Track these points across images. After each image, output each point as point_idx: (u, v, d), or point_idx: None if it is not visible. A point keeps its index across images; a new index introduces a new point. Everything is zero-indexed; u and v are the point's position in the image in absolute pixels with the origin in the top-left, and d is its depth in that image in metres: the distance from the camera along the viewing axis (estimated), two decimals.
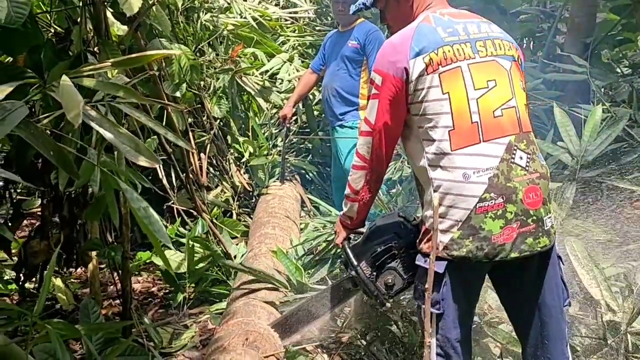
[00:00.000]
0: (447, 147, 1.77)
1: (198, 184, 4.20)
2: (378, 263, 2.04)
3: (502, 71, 1.86)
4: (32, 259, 2.75)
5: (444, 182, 1.77)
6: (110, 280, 3.64)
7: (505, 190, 1.76)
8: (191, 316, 3.32)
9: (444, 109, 1.78)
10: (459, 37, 1.85)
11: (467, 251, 1.76)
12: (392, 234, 2.06)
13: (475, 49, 1.85)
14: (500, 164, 1.77)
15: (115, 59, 1.40)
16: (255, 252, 3.44)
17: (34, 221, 4.51)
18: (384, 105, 1.85)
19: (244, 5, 5.51)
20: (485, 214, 1.74)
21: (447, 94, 1.78)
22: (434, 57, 1.79)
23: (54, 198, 2.69)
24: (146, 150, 1.27)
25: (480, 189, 1.74)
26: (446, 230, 1.77)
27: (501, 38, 1.92)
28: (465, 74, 1.81)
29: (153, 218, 1.33)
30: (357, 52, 4.27)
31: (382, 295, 2.04)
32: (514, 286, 1.95)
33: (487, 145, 1.78)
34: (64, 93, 1.14)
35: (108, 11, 2.58)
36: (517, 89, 1.88)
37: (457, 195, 1.76)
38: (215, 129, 4.61)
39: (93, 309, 2.39)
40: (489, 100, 1.81)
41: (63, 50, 2.33)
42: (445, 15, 1.90)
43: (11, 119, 1.12)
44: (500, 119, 1.81)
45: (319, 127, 5.32)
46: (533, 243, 1.79)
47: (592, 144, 3.15)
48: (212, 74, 4.70)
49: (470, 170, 1.75)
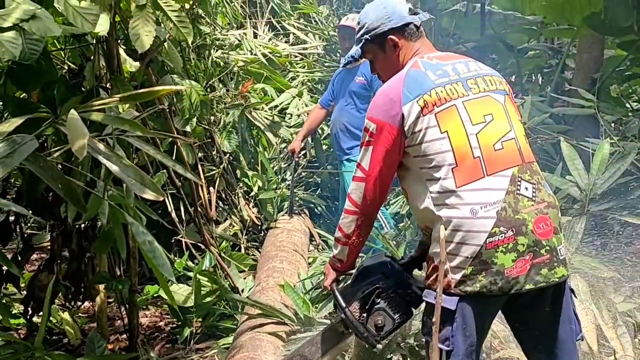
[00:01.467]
0: (452, 185, 1.77)
1: (207, 217, 4.22)
2: (367, 304, 2.03)
3: (497, 105, 1.88)
4: (39, 292, 2.75)
5: (452, 220, 1.76)
6: (118, 315, 3.62)
7: (515, 222, 1.74)
8: (198, 351, 3.29)
9: (445, 147, 1.79)
10: (450, 77, 1.88)
11: (480, 286, 1.74)
12: (379, 275, 2.05)
13: (467, 86, 1.88)
14: (506, 196, 1.76)
15: (123, 94, 1.43)
16: (262, 285, 3.42)
17: (43, 255, 4.52)
18: (379, 153, 1.86)
19: (254, 42, 5.64)
20: (496, 249, 1.73)
21: (445, 132, 1.80)
22: (428, 98, 1.82)
23: (64, 231, 2.71)
24: (152, 183, 1.28)
25: (489, 223, 1.73)
26: (457, 267, 1.76)
27: (490, 74, 1.96)
28: (461, 111, 1.82)
29: (158, 252, 1.34)
30: (364, 88, 4.33)
31: (372, 337, 2.02)
32: (528, 320, 1.92)
33: (492, 179, 1.78)
34: (71, 126, 1.17)
35: (120, 48, 2.64)
36: (514, 121, 1.89)
37: (466, 232, 1.74)
38: (224, 163, 4.65)
39: (99, 342, 2.39)
40: (488, 134, 1.82)
41: (76, 86, 2.38)
42: (433, 59, 1.94)
43: (20, 152, 1.14)
44: (501, 151, 1.81)
45: (328, 162, 5.35)
46: (549, 274, 1.77)
47: (601, 177, 3.13)
48: (222, 109, 4.77)
49: (477, 205, 1.75)
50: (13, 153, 1.12)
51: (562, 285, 1.86)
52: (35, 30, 1.61)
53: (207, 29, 4.91)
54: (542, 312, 1.88)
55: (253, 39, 5.85)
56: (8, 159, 1.11)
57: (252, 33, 6.10)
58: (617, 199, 3.13)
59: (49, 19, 1.70)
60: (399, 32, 1.99)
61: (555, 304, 1.89)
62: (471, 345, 1.81)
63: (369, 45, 2.05)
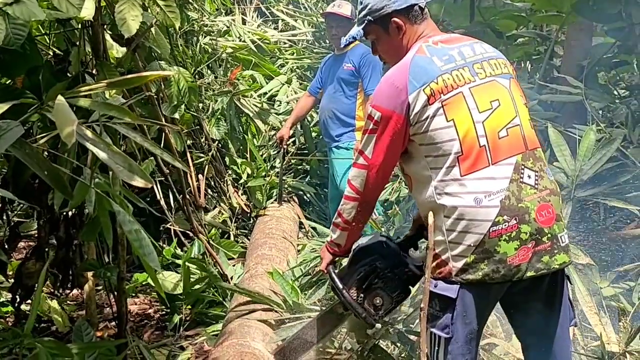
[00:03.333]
0: (457, 173, 1.76)
1: (196, 205, 4.20)
2: (364, 285, 2.04)
3: (503, 90, 1.87)
4: (27, 280, 2.73)
5: (456, 208, 1.76)
6: (107, 302, 3.61)
7: (518, 211, 1.75)
8: (187, 338, 3.30)
9: (451, 136, 1.78)
10: (456, 62, 1.85)
11: (483, 274, 1.75)
12: (376, 255, 2.06)
13: (474, 71, 1.85)
14: (510, 185, 1.76)
15: (110, 80, 1.41)
16: (251, 273, 3.43)
17: (31, 243, 4.49)
18: (384, 141, 1.85)
19: (242, 28, 5.59)
20: (500, 237, 1.74)
21: (451, 121, 1.78)
22: (435, 86, 1.79)
23: (51, 219, 2.68)
24: (140, 170, 1.28)
25: (493, 212, 1.74)
26: (459, 255, 1.76)
27: (495, 57, 1.93)
28: (468, 98, 1.81)
29: (144, 241, 1.33)
30: (352, 75, 4.32)
31: (370, 317, 2.04)
32: (526, 305, 1.93)
33: (496, 167, 1.78)
34: (58, 112, 1.15)
35: (106, 33, 2.61)
36: (519, 105, 1.88)
37: (470, 220, 1.74)
38: (213, 151, 4.63)
39: (86, 330, 2.37)
40: (494, 121, 1.81)
41: (61, 71, 2.35)
42: (438, 43, 1.90)
43: (6, 139, 1.13)
44: (506, 139, 1.81)
45: (317, 149, 5.34)
46: (550, 261, 1.79)
47: (587, 163, 3.16)
48: (211, 96, 4.74)
49: (482, 194, 1.75)
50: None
51: (559, 271, 1.87)
52: (19, 15, 1.59)
53: (195, 15, 4.87)
54: (540, 297, 1.90)
55: (242, 25, 5.80)
56: None
57: (240, 19, 6.05)
58: (603, 184, 3.16)
59: (33, 3, 1.67)
60: (403, 14, 1.95)
61: (554, 289, 1.90)
62: (471, 332, 1.83)
63: (372, 26, 2.00)
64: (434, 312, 1.83)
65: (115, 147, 1.29)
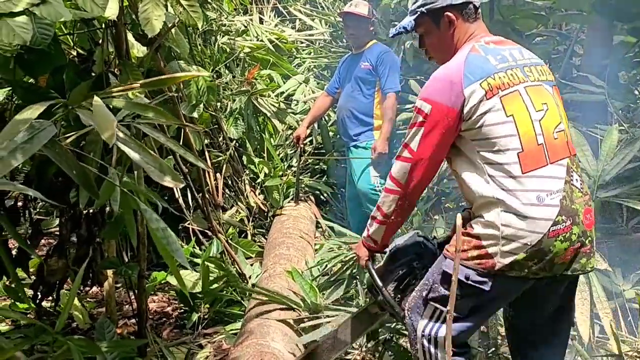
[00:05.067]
0: (517, 170, 1.75)
1: (214, 204, 4.22)
2: (402, 285, 2.03)
3: (548, 95, 1.88)
4: (49, 277, 2.76)
5: (518, 206, 1.74)
6: (126, 300, 3.64)
7: (572, 212, 1.76)
8: (206, 336, 3.31)
9: (510, 132, 1.77)
10: (509, 62, 1.86)
11: (528, 272, 1.75)
12: (413, 255, 2.05)
13: (525, 73, 1.86)
14: (565, 185, 1.77)
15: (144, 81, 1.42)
16: (269, 272, 3.43)
17: (51, 240, 4.55)
18: (434, 136, 1.82)
19: (260, 28, 5.60)
20: (556, 237, 1.74)
21: (511, 116, 1.77)
22: (492, 82, 1.79)
23: (73, 216, 2.71)
24: (170, 170, 1.29)
25: (554, 212, 1.74)
26: (510, 252, 1.75)
27: (540, 64, 1.95)
28: (524, 96, 1.81)
29: (171, 238, 1.34)
30: (369, 74, 4.32)
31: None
32: (542, 304, 1.94)
33: (553, 167, 1.78)
34: (97, 113, 1.16)
35: (128, 33, 2.62)
36: (562, 112, 1.90)
37: (532, 219, 1.73)
38: (231, 150, 4.65)
39: (108, 327, 2.40)
40: (548, 121, 1.81)
41: (85, 71, 2.38)
42: (490, 43, 1.91)
43: (39, 138, 1.14)
44: (557, 141, 1.82)
45: (334, 148, 5.34)
46: (586, 263, 1.81)
47: (609, 163, 3.11)
48: (229, 95, 4.76)
49: (544, 192, 1.74)
50: (32, 139, 1.12)
51: (579, 275, 1.90)
52: (46, 15, 1.60)
53: (214, 15, 4.89)
54: (557, 298, 1.92)
55: (259, 24, 5.81)
56: (27, 145, 1.11)
57: (258, 19, 6.06)
58: (625, 185, 3.10)
59: (59, 3, 1.69)
60: (457, 9, 1.95)
61: (571, 291, 1.94)
62: (484, 318, 1.90)
63: (424, 18, 1.99)
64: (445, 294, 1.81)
65: (146, 147, 1.30)
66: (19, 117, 1.14)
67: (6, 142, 1.08)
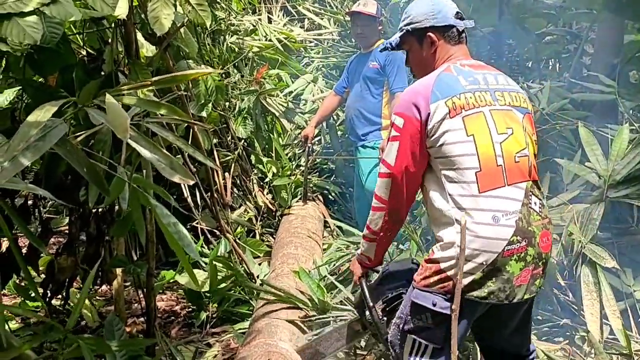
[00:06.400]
0: (475, 189, 1.78)
1: (222, 203, 4.23)
2: (389, 308, 2.05)
3: (517, 121, 1.91)
4: (58, 275, 2.78)
5: (472, 225, 1.76)
6: (135, 298, 3.66)
7: (527, 233, 1.79)
8: (214, 335, 3.32)
9: (469, 151, 1.80)
10: (479, 85, 1.91)
11: (488, 292, 1.77)
12: (404, 281, 2.08)
13: (495, 97, 1.91)
14: (522, 207, 1.80)
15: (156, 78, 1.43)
16: (277, 272, 3.43)
17: (61, 239, 4.57)
18: (405, 147, 1.86)
19: (269, 27, 5.60)
20: (511, 257, 1.77)
21: (471, 136, 1.81)
22: (457, 101, 1.83)
23: (82, 215, 2.72)
24: (181, 167, 1.29)
25: (509, 232, 1.76)
26: (468, 272, 1.77)
27: (517, 91, 1.99)
28: (488, 118, 1.85)
29: (182, 234, 1.35)
30: (377, 73, 4.30)
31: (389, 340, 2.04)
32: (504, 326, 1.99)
33: (511, 188, 1.81)
34: (111, 111, 1.17)
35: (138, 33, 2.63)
36: (529, 140, 1.93)
37: (485, 239, 1.76)
38: (239, 149, 4.65)
39: (117, 326, 2.40)
40: (510, 145, 1.85)
41: (94, 69, 2.39)
42: (465, 66, 1.96)
43: (51, 136, 1.15)
44: (519, 164, 1.85)
45: (342, 148, 5.33)
46: (539, 284, 1.87)
47: (620, 163, 3.09)
48: (237, 95, 4.77)
49: (500, 213, 1.77)
50: (44, 137, 1.12)
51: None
52: (56, 14, 1.61)
53: (222, 14, 4.90)
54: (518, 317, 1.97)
55: (268, 24, 5.82)
56: (40, 143, 1.12)
57: (266, 18, 6.07)
58: (635, 185, 3.08)
59: (69, 2, 1.70)
60: (440, 31, 2.03)
61: (530, 310, 2.01)
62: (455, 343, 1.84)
63: (409, 36, 2.08)
64: (423, 325, 1.85)
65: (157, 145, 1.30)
66: (31, 118, 1.15)
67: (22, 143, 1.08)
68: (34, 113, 1.14)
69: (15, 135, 1.12)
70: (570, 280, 3.04)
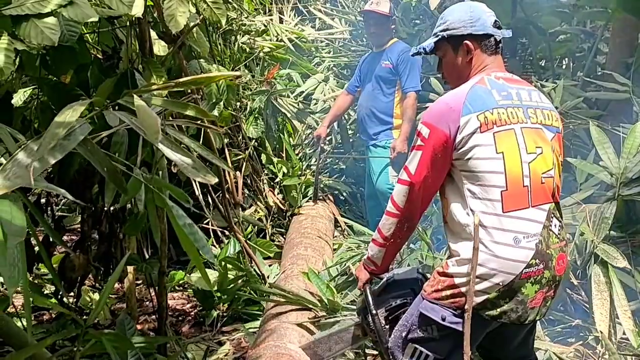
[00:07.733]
0: (499, 208, 1.75)
1: (233, 203, 4.23)
2: (391, 317, 2.03)
3: (546, 140, 1.87)
4: (71, 273, 2.79)
5: (492, 244, 1.73)
6: (146, 296, 3.68)
7: (546, 257, 1.77)
8: (224, 334, 3.33)
9: (498, 169, 1.76)
10: (512, 101, 1.86)
11: (501, 312, 1.76)
12: (408, 290, 2.07)
13: (527, 114, 1.86)
14: (542, 230, 1.78)
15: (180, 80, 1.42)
16: (287, 273, 3.42)
17: (73, 237, 4.60)
18: (428, 158, 1.82)
19: (280, 27, 5.60)
20: (528, 279, 1.75)
21: (501, 153, 1.77)
22: (489, 116, 1.79)
23: (94, 213, 2.74)
24: (203, 167, 1.29)
25: (529, 254, 1.74)
26: (482, 291, 1.75)
27: (549, 109, 1.94)
28: (519, 137, 1.81)
29: (198, 235, 1.35)
30: (390, 72, 4.29)
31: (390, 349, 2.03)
32: (509, 342, 1.98)
33: (534, 210, 1.78)
34: (141, 113, 1.17)
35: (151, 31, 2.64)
36: (556, 160, 1.89)
37: (504, 260, 1.73)
38: (250, 149, 4.66)
39: (129, 324, 2.41)
40: (537, 165, 1.81)
41: (109, 68, 2.39)
42: (500, 79, 1.91)
43: (76, 135, 1.15)
44: (544, 186, 1.82)
45: (353, 148, 5.33)
46: (550, 305, 1.86)
47: (632, 161, 3.05)
48: (249, 95, 4.77)
49: (521, 234, 1.74)
50: (69, 136, 1.13)
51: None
52: (74, 16, 1.62)
53: (234, 14, 4.90)
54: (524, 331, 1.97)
55: (279, 24, 5.82)
56: (65, 142, 1.12)
57: (278, 18, 6.07)
58: None
59: (86, 4, 1.71)
60: (477, 40, 1.95)
61: (534, 328, 2.02)
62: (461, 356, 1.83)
63: (444, 43, 2.01)
64: (428, 336, 1.84)
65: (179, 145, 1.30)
66: (59, 118, 1.15)
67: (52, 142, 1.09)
68: (62, 113, 1.14)
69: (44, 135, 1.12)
70: (583, 280, 3.02)
